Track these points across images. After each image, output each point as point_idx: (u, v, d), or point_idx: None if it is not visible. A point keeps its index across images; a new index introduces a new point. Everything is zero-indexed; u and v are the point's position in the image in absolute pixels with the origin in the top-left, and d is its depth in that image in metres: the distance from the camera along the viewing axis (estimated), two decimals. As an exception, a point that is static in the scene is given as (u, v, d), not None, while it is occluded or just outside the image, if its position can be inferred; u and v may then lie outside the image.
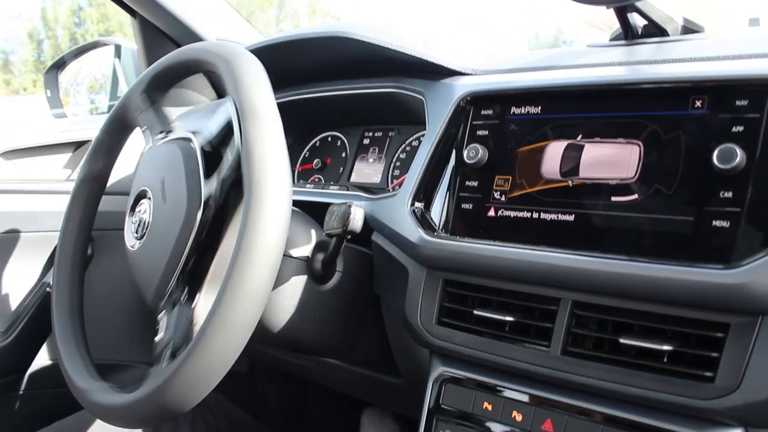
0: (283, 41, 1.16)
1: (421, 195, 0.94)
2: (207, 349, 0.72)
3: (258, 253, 0.72)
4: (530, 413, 0.82)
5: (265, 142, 0.76)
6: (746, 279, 0.65)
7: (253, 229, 0.72)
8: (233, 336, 0.72)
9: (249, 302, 0.72)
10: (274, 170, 0.75)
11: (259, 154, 0.76)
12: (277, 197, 0.74)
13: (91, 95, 2.00)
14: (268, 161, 0.75)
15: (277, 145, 0.77)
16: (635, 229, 0.75)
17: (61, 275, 1.04)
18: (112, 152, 1.08)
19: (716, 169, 0.70)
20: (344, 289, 1.00)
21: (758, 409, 0.66)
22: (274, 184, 0.74)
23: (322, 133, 1.37)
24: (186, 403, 0.74)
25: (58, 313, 1.00)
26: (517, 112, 0.89)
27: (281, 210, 0.74)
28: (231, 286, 0.71)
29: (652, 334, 0.73)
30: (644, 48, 0.93)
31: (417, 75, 1.09)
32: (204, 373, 0.72)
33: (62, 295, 1.02)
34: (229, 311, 0.71)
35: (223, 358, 0.72)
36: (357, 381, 1.21)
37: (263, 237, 0.72)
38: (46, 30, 19.67)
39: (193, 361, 0.72)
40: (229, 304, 0.71)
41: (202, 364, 0.72)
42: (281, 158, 0.76)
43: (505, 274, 0.83)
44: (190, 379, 0.73)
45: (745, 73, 0.72)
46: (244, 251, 0.72)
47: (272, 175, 0.75)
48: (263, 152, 0.76)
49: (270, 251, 0.73)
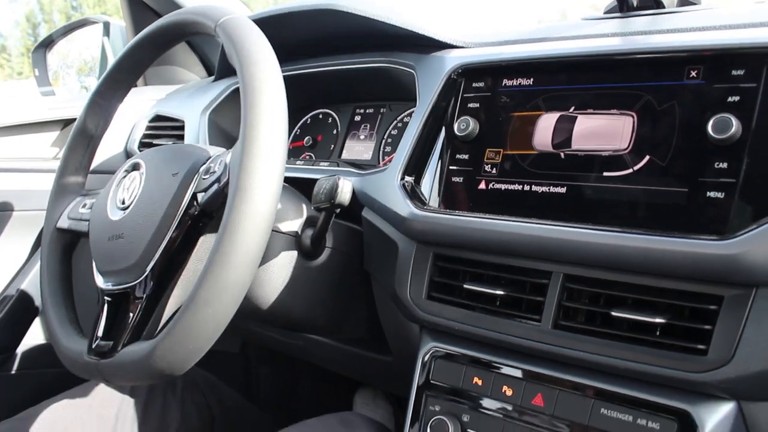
0: (272, 15, 1.14)
1: (411, 169, 0.93)
2: (201, 309, 0.71)
3: (256, 192, 0.72)
4: (521, 388, 0.81)
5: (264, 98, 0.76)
6: (740, 250, 0.64)
7: (246, 190, 0.72)
8: (227, 296, 0.71)
9: (241, 263, 0.71)
10: (268, 135, 0.75)
11: (254, 95, 0.76)
12: (270, 161, 0.74)
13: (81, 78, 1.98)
14: (264, 110, 0.75)
15: (274, 90, 0.77)
16: (628, 200, 0.74)
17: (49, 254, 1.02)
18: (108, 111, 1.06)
19: (711, 140, 0.69)
20: (334, 265, 0.99)
21: (750, 382, 0.65)
22: (267, 148, 0.74)
23: (313, 111, 1.35)
24: (179, 364, 0.74)
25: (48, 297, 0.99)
26: (508, 84, 0.87)
27: (273, 173, 0.74)
28: (221, 249, 0.71)
29: (644, 307, 0.72)
30: (639, 20, 0.91)
31: (408, 48, 1.07)
32: (198, 333, 0.72)
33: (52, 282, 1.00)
34: (223, 272, 0.70)
35: (217, 318, 0.72)
36: (348, 360, 1.20)
37: (261, 177, 0.73)
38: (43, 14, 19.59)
39: (186, 321, 0.72)
40: (222, 265, 0.71)
41: (196, 324, 0.72)
42: (278, 124, 0.76)
43: (495, 247, 0.82)
44: (183, 340, 0.72)
45: (742, 42, 0.71)
46: (236, 211, 0.71)
47: (266, 138, 0.74)
48: (258, 94, 0.76)
49: (267, 192, 0.73)
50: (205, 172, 0.84)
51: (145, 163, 0.91)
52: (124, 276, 0.86)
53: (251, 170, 0.73)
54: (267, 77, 0.77)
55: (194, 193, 0.84)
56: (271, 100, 0.76)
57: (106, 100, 1.03)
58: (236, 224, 0.71)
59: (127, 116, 1.49)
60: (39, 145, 1.52)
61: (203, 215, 0.84)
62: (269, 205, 0.73)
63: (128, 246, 0.85)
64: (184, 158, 0.87)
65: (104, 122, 1.05)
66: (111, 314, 0.87)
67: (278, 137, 0.75)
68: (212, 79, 1.46)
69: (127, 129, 1.52)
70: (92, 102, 1.03)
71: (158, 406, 1.20)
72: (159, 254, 0.83)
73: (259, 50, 0.80)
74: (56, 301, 0.98)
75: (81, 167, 1.06)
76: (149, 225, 0.84)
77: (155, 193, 0.86)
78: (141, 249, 0.83)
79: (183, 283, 0.85)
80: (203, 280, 0.71)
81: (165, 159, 0.90)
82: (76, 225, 1.01)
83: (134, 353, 0.78)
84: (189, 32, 0.93)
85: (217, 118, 1.33)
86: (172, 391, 1.23)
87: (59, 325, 0.95)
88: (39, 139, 1.52)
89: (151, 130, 1.49)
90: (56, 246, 1.03)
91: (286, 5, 1.15)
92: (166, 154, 0.92)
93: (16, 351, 1.44)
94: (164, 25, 0.94)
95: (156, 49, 1.00)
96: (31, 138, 1.51)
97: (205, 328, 0.72)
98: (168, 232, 0.83)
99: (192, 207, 0.83)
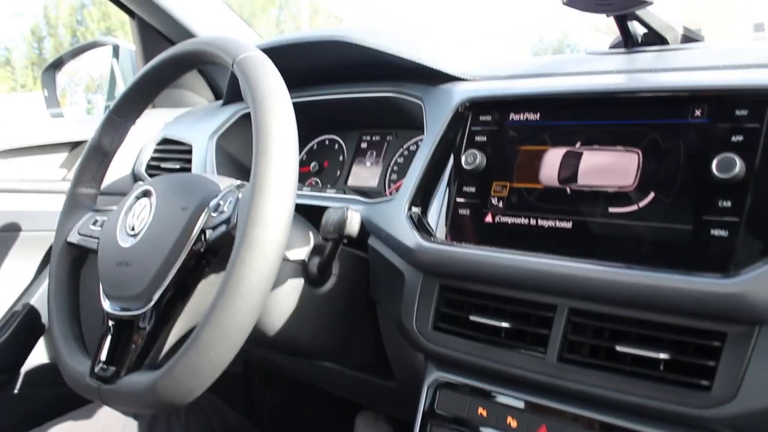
0: (282, 44, 1.16)
1: (418, 200, 0.94)
2: (202, 352, 0.73)
3: (261, 244, 0.74)
4: (525, 419, 0.82)
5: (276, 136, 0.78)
6: (744, 288, 0.65)
7: (257, 220, 0.74)
8: (228, 341, 0.74)
9: (243, 310, 0.73)
10: (280, 166, 0.77)
11: (267, 143, 0.78)
12: (282, 195, 0.76)
13: (88, 95, 2.00)
14: (275, 158, 0.77)
15: (287, 138, 0.79)
16: (633, 236, 0.75)
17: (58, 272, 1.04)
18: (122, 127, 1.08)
19: (715, 179, 0.70)
20: (340, 293, 0.99)
21: (755, 419, 0.66)
22: (278, 179, 0.76)
23: (319, 137, 1.36)
24: (178, 399, 0.76)
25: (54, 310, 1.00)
26: (515, 119, 0.89)
27: (285, 207, 0.76)
28: (226, 294, 0.73)
29: (648, 342, 0.72)
30: (644, 56, 0.93)
31: (416, 80, 1.09)
32: (198, 373, 0.74)
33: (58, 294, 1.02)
34: (226, 318, 0.73)
35: (218, 361, 0.74)
36: (352, 384, 1.20)
37: (267, 229, 0.74)
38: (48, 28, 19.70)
39: (188, 360, 0.74)
40: (226, 311, 0.73)
41: (198, 364, 0.74)
42: (289, 154, 0.79)
43: (501, 280, 0.83)
44: (183, 378, 0.74)
45: (745, 83, 0.72)
46: (247, 243, 0.74)
47: (277, 170, 0.76)
48: (271, 142, 0.78)
49: (272, 244, 0.75)
50: (215, 209, 0.86)
51: (155, 192, 0.92)
52: (129, 303, 0.87)
53: (258, 221, 0.75)
54: (280, 127, 0.79)
55: (203, 230, 0.85)
56: (282, 149, 0.78)
57: (122, 117, 1.06)
58: (240, 274, 0.73)
59: (135, 138, 1.50)
60: (47, 167, 1.53)
61: (209, 253, 0.86)
62: (274, 259, 0.75)
63: (135, 275, 0.87)
64: (195, 192, 0.89)
65: (118, 139, 1.08)
66: (115, 339, 0.88)
67: (287, 190, 0.77)
68: (220, 104, 1.47)
69: (135, 151, 1.53)
70: (108, 119, 1.06)
71: (162, 429, 1.20)
72: (164, 287, 0.85)
73: (274, 94, 0.81)
74: (62, 316, 1.00)
75: (94, 181, 1.08)
76: (156, 257, 0.85)
77: (164, 225, 0.88)
78: (147, 280, 0.85)
79: (186, 317, 0.87)
80: (206, 323, 0.73)
81: (175, 190, 0.92)
82: (85, 241, 1.02)
83: (135, 384, 0.80)
84: (205, 62, 0.96)
85: (225, 143, 1.34)
86: (176, 414, 1.23)
87: (64, 341, 0.96)
88: (47, 160, 1.53)
89: (158, 153, 1.50)
90: (65, 260, 1.04)
91: (298, 34, 1.17)
92: (176, 184, 0.94)
93: (20, 370, 1.44)
94: (183, 51, 0.96)
95: (174, 73, 1.02)
96: (40, 159, 1.52)
97: (206, 368, 0.74)
98: (174, 266, 0.85)
99: (199, 242, 0.85)
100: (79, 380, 0.89)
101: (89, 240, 1.01)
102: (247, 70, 0.84)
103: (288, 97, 0.83)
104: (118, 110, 1.05)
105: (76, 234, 1.04)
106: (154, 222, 0.89)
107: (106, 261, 0.93)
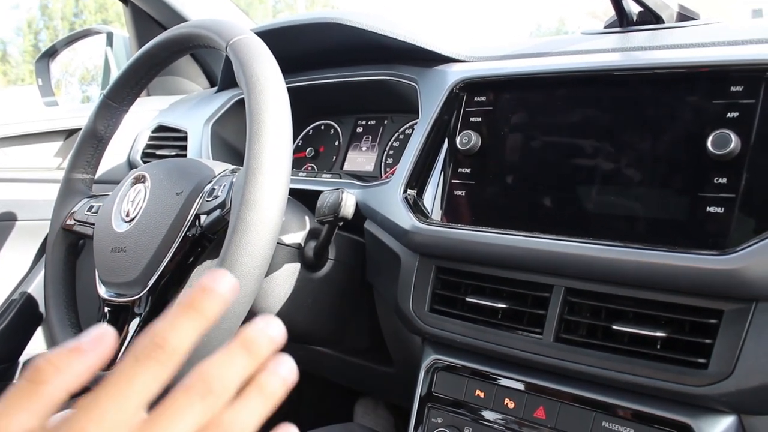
0: (277, 27, 1.15)
1: (413, 182, 0.94)
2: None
3: (255, 227, 0.74)
4: (522, 400, 0.82)
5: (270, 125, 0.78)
6: (740, 265, 0.64)
7: (251, 203, 0.74)
8: (231, 312, 0.74)
9: (245, 276, 0.73)
10: (273, 149, 0.77)
11: (260, 126, 0.78)
12: (275, 177, 0.76)
13: (83, 86, 1.99)
14: (269, 141, 0.77)
15: (280, 121, 0.79)
16: (629, 215, 0.74)
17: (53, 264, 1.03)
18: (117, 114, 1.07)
19: (711, 155, 0.69)
20: (336, 277, 0.99)
21: (751, 396, 0.66)
22: (272, 162, 0.76)
23: (315, 122, 1.36)
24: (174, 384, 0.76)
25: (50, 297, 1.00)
26: (510, 99, 0.88)
27: (279, 190, 0.76)
28: (226, 262, 0.73)
29: (645, 320, 0.72)
30: (639, 35, 0.92)
31: (410, 62, 1.08)
32: (203, 347, 0.73)
33: (54, 281, 1.02)
34: None
35: (222, 335, 0.74)
36: (349, 370, 1.20)
37: (261, 211, 0.74)
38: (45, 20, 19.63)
39: None
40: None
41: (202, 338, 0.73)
42: (282, 137, 0.78)
43: (497, 261, 0.83)
44: None
45: (740, 59, 0.72)
46: (240, 227, 0.74)
47: (271, 152, 0.76)
48: (264, 125, 0.78)
49: (266, 227, 0.75)
50: (209, 193, 0.85)
51: (150, 177, 0.92)
52: (125, 289, 0.87)
53: (252, 204, 0.74)
54: (274, 110, 0.79)
55: (197, 214, 0.85)
56: (276, 132, 0.78)
57: (116, 102, 1.05)
58: (234, 258, 0.74)
59: (130, 126, 1.50)
60: (43, 155, 1.53)
61: (204, 238, 0.85)
62: (268, 242, 0.75)
63: (130, 261, 0.86)
64: (189, 177, 0.88)
65: (113, 124, 1.07)
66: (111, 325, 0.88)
67: (281, 172, 0.77)
68: (215, 90, 1.46)
69: (130, 139, 1.53)
70: (103, 103, 1.05)
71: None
72: (159, 272, 0.84)
73: (267, 77, 0.81)
74: (58, 303, 1.00)
75: (89, 166, 1.08)
76: (151, 243, 0.85)
77: (159, 210, 0.87)
78: (142, 266, 0.85)
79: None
80: None
81: (170, 175, 0.91)
82: (81, 227, 1.02)
83: None
84: (199, 45, 0.95)
85: (220, 130, 1.34)
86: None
87: (61, 328, 0.96)
88: (42, 149, 1.52)
89: (153, 140, 1.49)
90: (60, 246, 1.04)
91: (292, 17, 1.16)
92: (171, 169, 0.93)
93: (19, 360, 1.44)
94: (177, 35, 0.96)
95: (167, 57, 1.01)
96: (35, 148, 1.52)
97: (203, 354, 0.74)
98: (169, 251, 0.85)
99: (194, 227, 0.85)
100: None
101: (85, 226, 1.01)
102: (240, 53, 0.83)
103: (282, 79, 0.82)
104: (112, 95, 1.04)
105: (71, 219, 1.04)
106: (148, 207, 0.89)
107: (102, 247, 0.92)
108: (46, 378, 0.33)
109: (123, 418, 0.33)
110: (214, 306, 0.36)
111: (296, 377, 0.39)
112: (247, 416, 0.36)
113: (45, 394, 0.33)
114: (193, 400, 0.35)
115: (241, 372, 0.36)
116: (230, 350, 0.37)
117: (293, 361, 0.39)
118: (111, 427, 0.33)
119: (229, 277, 0.37)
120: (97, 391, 0.33)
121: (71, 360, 0.34)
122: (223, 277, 0.37)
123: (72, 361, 0.34)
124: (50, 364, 0.33)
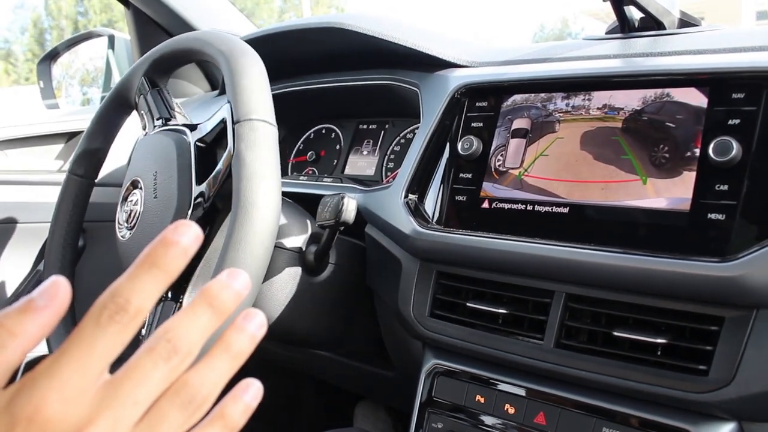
0: (279, 31, 1.16)
1: (414, 187, 0.94)
2: None
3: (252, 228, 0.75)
4: (523, 406, 0.82)
5: (256, 152, 0.78)
6: (741, 272, 0.64)
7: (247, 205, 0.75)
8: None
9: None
10: (264, 178, 0.77)
11: (251, 166, 0.78)
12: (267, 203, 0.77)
13: (84, 88, 1.99)
14: (259, 171, 0.77)
15: (269, 158, 0.79)
16: (630, 221, 0.74)
17: (51, 268, 1.03)
18: (110, 131, 1.07)
19: (712, 162, 0.69)
20: (337, 282, 0.99)
21: (752, 403, 0.66)
22: (264, 191, 0.77)
23: (316, 126, 1.36)
24: None
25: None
26: (511, 104, 0.88)
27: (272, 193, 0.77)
28: (225, 264, 0.74)
29: (645, 327, 0.72)
30: (640, 41, 0.92)
31: (412, 67, 1.08)
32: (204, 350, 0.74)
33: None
34: None
35: None
36: (349, 374, 1.20)
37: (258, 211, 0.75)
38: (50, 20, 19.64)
39: None
40: None
41: None
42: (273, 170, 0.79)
43: (498, 266, 0.83)
44: None
45: (742, 66, 0.72)
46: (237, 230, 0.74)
47: (262, 184, 0.77)
48: (254, 163, 0.78)
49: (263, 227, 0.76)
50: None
51: (142, 180, 0.92)
52: None
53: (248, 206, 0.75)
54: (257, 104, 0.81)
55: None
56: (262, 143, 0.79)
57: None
58: (232, 261, 0.74)
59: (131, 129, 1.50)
60: (44, 158, 1.53)
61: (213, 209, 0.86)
62: (266, 239, 0.76)
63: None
64: (167, 155, 0.89)
65: (113, 134, 1.09)
66: None
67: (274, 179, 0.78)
68: (216, 93, 1.47)
69: (131, 142, 1.53)
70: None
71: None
72: None
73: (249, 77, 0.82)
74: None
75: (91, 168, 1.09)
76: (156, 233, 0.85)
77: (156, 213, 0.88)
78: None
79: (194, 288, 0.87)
80: None
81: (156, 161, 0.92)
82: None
83: None
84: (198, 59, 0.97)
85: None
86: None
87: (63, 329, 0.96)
88: (44, 151, 1.52)
89: (155, 143, 1.49)
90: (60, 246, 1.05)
91: (295, 21, 1.16)
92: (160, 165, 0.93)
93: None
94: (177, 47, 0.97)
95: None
96: (36, 150, 1.52)
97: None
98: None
99: (198, 208, 0.85)
100: None
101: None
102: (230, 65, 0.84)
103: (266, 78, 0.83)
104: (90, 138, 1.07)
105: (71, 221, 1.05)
106: (146, 212, 0.89)
107: (122, 261, 0.94)
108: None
109: (85, 384, 0.32)
110: (176, 261, 0.34)
111: (264, 333, 0.37)
112: (214, 376, 0.35)
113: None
114: (158, 361, 0.33)
115: (206, 329, 0.35)
116: (193, 306, 0.35)
117: (263, 315, 0.38)
118: (73, 394, 0.32)
119: (192, 227, 0.35)
120: (57, 356, 0.32)
121: (24, 320, 0.31)
122: (186, 227, 0.34)
123: (25, 321, 0.31)
124: (2, 328, 0.31)
